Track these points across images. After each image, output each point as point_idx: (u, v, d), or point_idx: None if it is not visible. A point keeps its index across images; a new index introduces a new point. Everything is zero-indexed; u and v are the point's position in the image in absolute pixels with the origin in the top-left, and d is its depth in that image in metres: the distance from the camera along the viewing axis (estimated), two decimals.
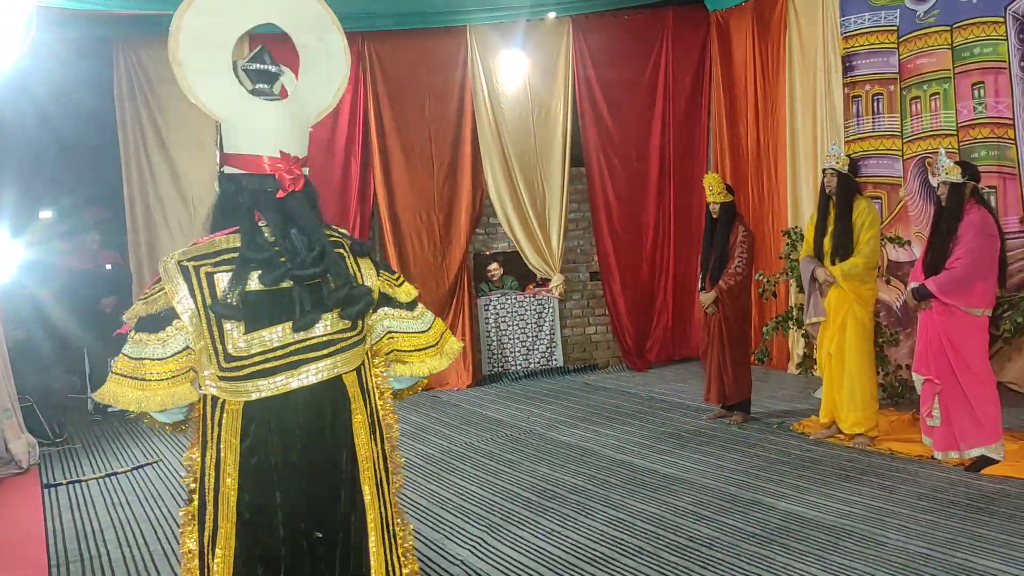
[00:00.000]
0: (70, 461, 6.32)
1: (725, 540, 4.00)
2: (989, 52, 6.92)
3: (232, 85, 1.98)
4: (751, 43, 8.86)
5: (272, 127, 1.97)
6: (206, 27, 1.95)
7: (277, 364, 1.90)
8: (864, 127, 7.92)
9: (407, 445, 6.29)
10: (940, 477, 4.80)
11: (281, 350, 1.90)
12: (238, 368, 1.88)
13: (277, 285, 1.89)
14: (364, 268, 2.06)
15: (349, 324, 1.98)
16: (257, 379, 1.89)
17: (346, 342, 1.98)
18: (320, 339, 1.93)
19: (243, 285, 1.87)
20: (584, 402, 7.63)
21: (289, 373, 1.91)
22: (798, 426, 6.12)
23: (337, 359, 1.96)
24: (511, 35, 8.85)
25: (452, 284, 8.78)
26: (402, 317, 2.13)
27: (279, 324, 1.90)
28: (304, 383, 1.92)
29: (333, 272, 1.92)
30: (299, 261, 1.88)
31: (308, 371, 1.92)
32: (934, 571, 3.52)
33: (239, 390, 1.89)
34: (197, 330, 1.88)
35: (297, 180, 1.95)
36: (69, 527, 4.74)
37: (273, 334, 1.90)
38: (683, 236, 9.44)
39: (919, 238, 7.46)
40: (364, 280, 2.03)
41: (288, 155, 1.96)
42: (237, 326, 1.87)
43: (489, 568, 3.84)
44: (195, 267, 1.90)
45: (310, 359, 1.93)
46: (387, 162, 8.65)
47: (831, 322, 5.66)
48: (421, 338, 2.17)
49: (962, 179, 4.95)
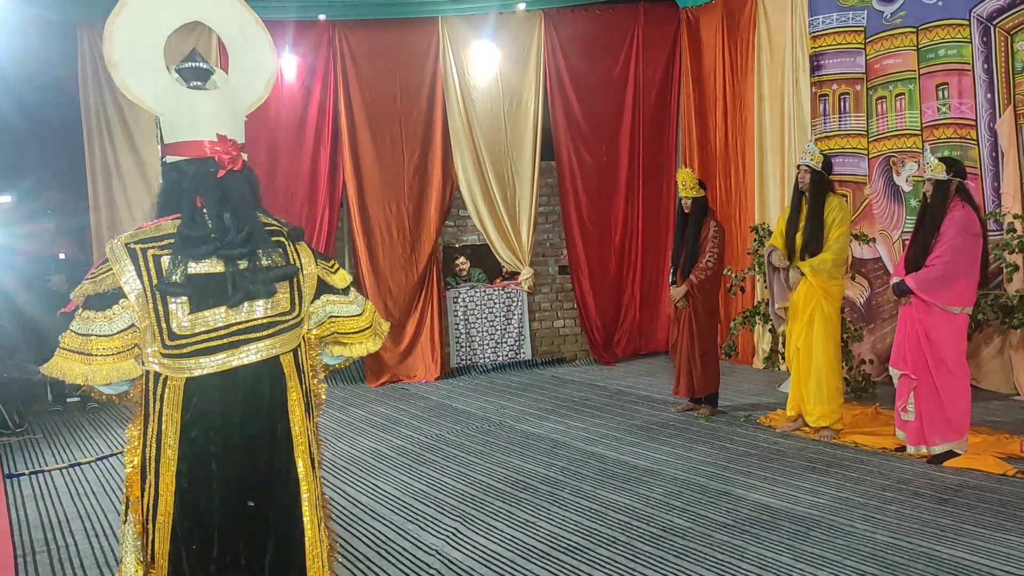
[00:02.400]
0: (31, 451, 6.20)
1: (697, 530, 4.05)
2: (954, 54, 7.07)
3: (167, 80, 2.10)
4: (720, 40, 8.95)
5: (209, 111, 2.09)
6: (137, 29, 2.07)
7: (219, 343, 2.00)
8: (831, 126, 8.05)
9: (377, 437, 6.27)
10: (904, 469, 4.90)
11: (223, 330, 2.00)
12: (181, 346, 1.97)
13: (210, 265, 2.00)
14: (303, 254, 2.17)
15: (288, 307, 2.10)
16: (199, 357, 1.99)
17: (284, 325, 2.09)
18: (260, 321, 2.05)
19: (186, 265, 1.97)
20: (553, 395, 7.66)
21: (230, 352, 2.01)
22: (764, 419, 6.21)
23: (276, 340, 2.08)
24: (483, 27, 8.84)
25: (421, 276, 8.75)
26: (341, 302, 2.25)
27: (222, 306, 2.00)
28: (244, 362, 2.03)
29: (264, 252, 2.04)
30: (228, 240, 1.99)
31: (248, 351, 2.03)
32: (901, 559, 3.60)
33: (181, 367, 1.99)
34: (143, 309, 1.96)
35: (235, 160, 2.06)
36: (34, 517, 4.66)
37: (216, 315, 1.99)
38: (651, 231, 9.52)
39: (883, 236, 7.61)
40: (301, 265, 2.15)
41: (226, 137, 2.07)
42: (182, 306, 1.96)
43: (464, 557, 3.85)
44: (142, 249, 1.98)
45: (251, 339, 2.03)
46: (357, 153, 8.59)
47: (799, 317, 5.75)
48: (359, 321, 2.30)
49: (947, 176, 4.99)
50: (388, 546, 4.04)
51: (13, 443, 6.40)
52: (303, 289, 2.15)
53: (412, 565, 3.79)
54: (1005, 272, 6.42)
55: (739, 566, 3.61)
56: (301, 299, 2.14)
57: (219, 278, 1.99)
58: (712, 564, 3.65)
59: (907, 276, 5.04)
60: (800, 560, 3.64)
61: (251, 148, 8.60)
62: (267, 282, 2.03)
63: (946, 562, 3.56)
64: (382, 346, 3.59)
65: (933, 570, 3.49)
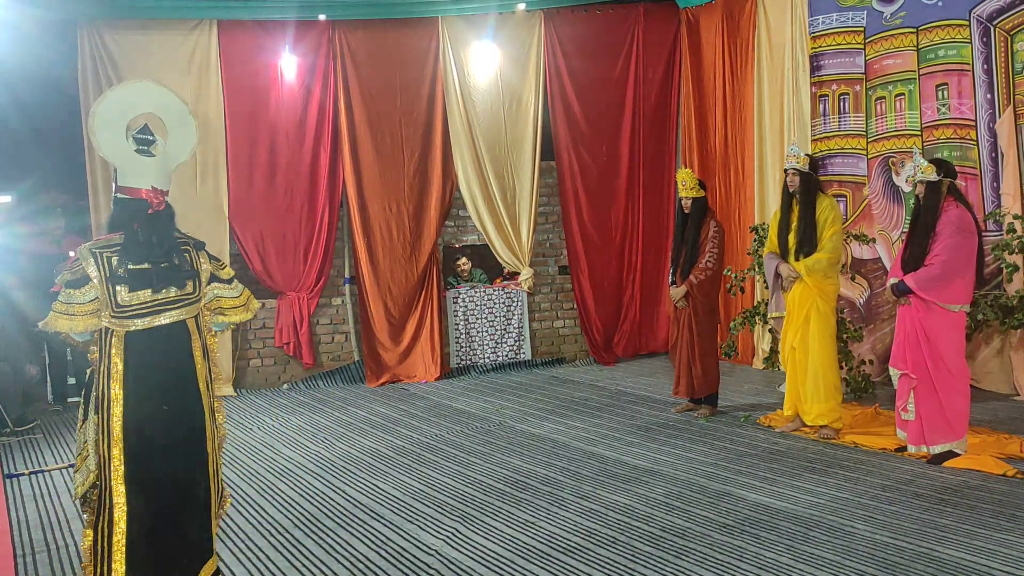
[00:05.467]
0: (31, 451, 6.20)
1: (697, 530, 4.06)
2: (953, 54, 7.07)
3: (125, 146, 3.23)
4: (720, 41, 8.96)
5: (148, 170, 3.25)
6: (108, 114, 3.23)
7: (147, 311, 3.16)
8: (830, 126, 8.05)
9: (377, 437, 6.28)
10: (904, 469, 4.90)
11: (149, 304, 3.17)
12: (123, 312, 3.13)
13: (142, 265, 3.17)
14: (200, 258, 3.34)
15: (190, 290, 3.27)
16: (135, 319, 3.15)
17: (187, 301, 3.26)
18: (172, 298, 3.21)
19: (127, 264, 3.14)
20: (553, 395, 7.66)
21: (153, 316, 3.17)
22: (764, 419, 6.21)
23: (182, 310, 3.24)
24: (483, 27, 8.85)
25: (421, 276, 8.76)
26: (224, 287, 3.41)
27: (148, 288, 3.17)
28: (162, 323, 3.19)
29: (176, 258, 3.24)
30: (154, 253, 3.19)
31: (165, 316, 3.20)
32: (901, 559, 3.60)
33: (123, 324, 3.14)
34: (101, 288, 3.12)
35: (161, 204, 3.24)
36: (34, 517, 4.66)
37: (145, 294, 3.16)
38: (652, 231, 9.52)
39: (883, 236, 7.61)
40: (200, 265, 3.33)
41: (157, 189, 3.24)
42: (123, 288, 3.13)
43: (464, 558, 3.85)
44: (99, 252, 3.14)
45: (166, 309, 3.20)
46: (357, 153, 8.59)
47: (794, 317, 5.76)
48: (235, 300, 3.45)
49: (938, 177, 5.03)
50: (388, 546, 4.04)
51: (13, 443, 6.41)
52: (200, 279, 3.31)
53: (412, 565, 3.80)
54: (1005, 272, 6.42)
55: (739, 566, 3.61)
56: (198, 286, 3.30)
57: (148, 272, 3.17)
58: (712, 564, 3.65)
59: (906, 276, 5.06)
60: (800, 560, 3.65)
61: (252, 148, 8.62)
62: (176, 277, 3.22)
63: (946, 562, 3.56)
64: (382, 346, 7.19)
65: (933, 570, 3.49)
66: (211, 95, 8.16)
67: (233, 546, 4.14)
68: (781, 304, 5.87)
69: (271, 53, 8.29)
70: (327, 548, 4.05)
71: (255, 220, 8.32)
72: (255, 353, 8.57)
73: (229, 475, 5.37)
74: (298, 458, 5.76)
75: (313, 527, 4.36)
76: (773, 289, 5.91)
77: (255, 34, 8.24)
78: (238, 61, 8.22)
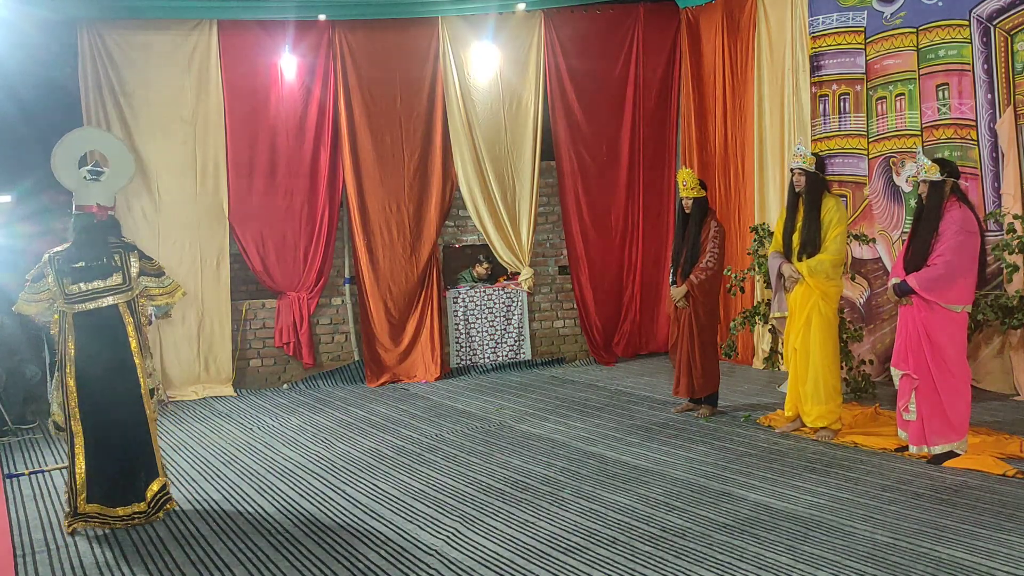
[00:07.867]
0: (31, 451, 6.20)
1: (697, 530, 4.05)
2: (954, 54, 7.07)
3: (78, 177, 4.59)
4: (720, 41, 8.96)
5: (96, 193, 4.58)
6: (65, 153, 4.58)
7: (87, 298, 4.37)
8: (830, 126, 8.05)
9: (377, 437, 6.28)
10: (904, 469, 4.90)
11: (90, 292, 4.38)
12: (71, 299, 4.36)
13: (79, 264, 4.40)
14: (132, 257, 4.53)
15: (118, 281, 4.46)
16: (80, 303, 4.37)
17: (118, 290, 4.45)
18: (108, 287, 4.41)
19: (69, 264, 4.39)
20: (553, 395, 7.66)
21: (94, 301, 4.38)
22: (764, 419, 6.21)
23: (116, 297, 4.44)
24: (483, 27, 8.85)
25: (421, 276, 8.76)
26: (153, 280, 4.59)
27: (89, 281, 4.39)
28: (101, 306, 4.39)
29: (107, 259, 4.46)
30: (88, 254, 4.43)
31: (103, 301, 4.40)
32: (901, 559, 3.60)
33: (72, 308, 4.36)
34: (55, 282, 4.36)
35: (104, 216, 4.55)
36: (34, 517, 4.65)
37: (87, 285, 4.38)
38: (652, 231, 9.52)
39: (883, 236, 7.61)
40: (131, 263, 4.52)
41: (103, 206, 4.58)
42: (67, 281, 4.35)
43: (464, 558, 3.85)
44: (53, 256, 4.42)
45: (104, 295, 4.41)
46: (357, 153, 8.59)
47: (796, 318, 5.75)
48: (162, 290, 4.62)
49: (941, 177, 5.02)
50: (388, 546, 4.04)
51: (13, 443, 6.40)
52: (130, 273, 4.49)
53: (412, 565, 3.79)
54: (1005, 272, 6.42)
55: (739, 566, 3.61)
56: (128, 278, 4.48)
57: (89, 268, 4.40)
58: (712, 564, 3.65)
59: (908, 276, 5.05)
60: (800, 560, 3.64)
61: (252, 148, 8.62)
62: (103, 272, 4.43)
63: (946, 562, 3.56)
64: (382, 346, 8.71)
65: (933, 570, 3.49)
66: (211, 95, 8.16)
67: (233, 546, 4.14)
68: (783, 304, 5.86)
69: (271, 53, 8.29)
70: (327, 548, 4.05)
71: (255, 220, 8.33)
72: (255, 353, 8.57)
73: (229, 475, 5.37)
74: (298, 458, 5.76)
75: (313, 527, 4.36)
76: (776, 289, 5.90)
77: (255, 34, 8.24)
78: (238, 61, 8.22)
